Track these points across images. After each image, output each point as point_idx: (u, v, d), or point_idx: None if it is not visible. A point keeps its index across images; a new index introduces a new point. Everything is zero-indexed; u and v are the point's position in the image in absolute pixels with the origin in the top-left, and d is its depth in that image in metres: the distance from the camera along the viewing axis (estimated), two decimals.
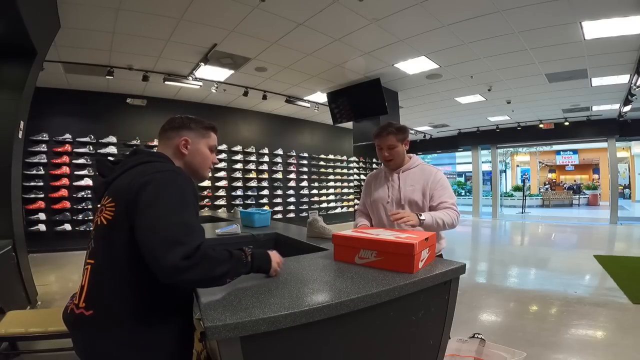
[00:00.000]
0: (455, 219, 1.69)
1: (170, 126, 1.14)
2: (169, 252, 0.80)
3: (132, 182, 0.92)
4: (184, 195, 0.91)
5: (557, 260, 5.31)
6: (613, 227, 8.79)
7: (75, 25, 3.63)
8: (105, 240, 0.93)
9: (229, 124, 7.78)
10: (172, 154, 1.11)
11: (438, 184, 1.75)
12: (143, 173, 0.94)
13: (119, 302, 0.88)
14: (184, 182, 0.95)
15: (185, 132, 1.13)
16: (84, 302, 0.90)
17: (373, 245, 1.26)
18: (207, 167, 1.18)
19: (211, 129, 1.19)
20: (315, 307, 0.89)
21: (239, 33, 4.03)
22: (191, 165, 1.14)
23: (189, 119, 1.15)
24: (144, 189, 0.89)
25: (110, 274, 0.91)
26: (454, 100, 7.16)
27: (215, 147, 1.21)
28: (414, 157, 1.89)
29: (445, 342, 1.28)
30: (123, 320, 0.88)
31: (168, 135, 1.13)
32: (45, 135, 5.62)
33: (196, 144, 1.14)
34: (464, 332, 2.13)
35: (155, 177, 0.92)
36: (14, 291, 2.79)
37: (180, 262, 0.79)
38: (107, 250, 0.92)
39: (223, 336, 0.79)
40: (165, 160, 1.07)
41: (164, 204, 0.87)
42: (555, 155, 20.63)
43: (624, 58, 4.70)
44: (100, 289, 0.91)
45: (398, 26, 3.91)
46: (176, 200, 0.89)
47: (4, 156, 2.85)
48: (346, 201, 10.38)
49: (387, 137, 1.79)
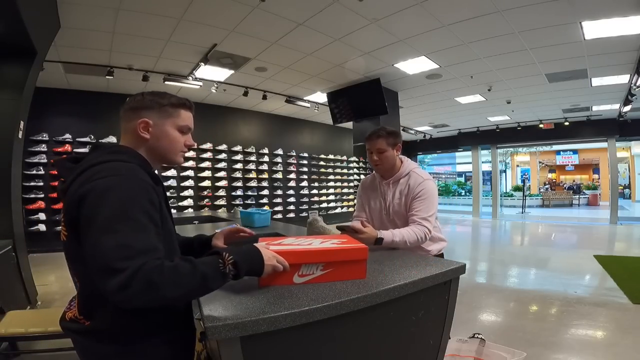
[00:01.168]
0: (423, 235, 1.59)
1: (129, 106, 0.96)
2: (106, 283, 0.69)
3: (75, 194, 0.80)
4: (125, 207, 0.76)
5: (557, 260, 5.31)
6: (613, 227, 8.79)
7: (75, 25, 3.63)
8: (72, 257, 0.86)
9: (229, 124, 7.78)
10: (133, 140, 0.95)
11: (417, 195, 1.68)
12: (87, 180, 0.80)
13: (110, 315, 0.82)
14: (128, 188, 0.79)
15: (144, 112, 0.94)
16: (80, 315, 0.86)
17: (319, 257, 1.07)
18: (176, 151, 0.99)
19: (181, 106, 0.98)
20: (315, 307, 0.89)
21: (239, 33, 4.03)
22: (156, 151, 0.97)
23: (152, 94, 0.96)
24: (82, 204, 0.77)
25: (92, 289, 0.83)
26: (454, 100, 7.16)
27: (189, 127, 1.01)
28: (405, 163, 1.81)
29: (445, 342, 1.28)
30: (119, 333, 0.84)
31: (126, 117, 0.96)
32: (45, 135, 5.62)
33: (160, 126, 0.95)
34: (464, 332, 2.13)
35: (94, 187, 0.78)
36: (14, 291, 2.79)
37: (118, 293, 0.69)
38: (78, 268, 0.86)
39: (223, 336, 0.78)
40: (127, 156, 0.90)
41: (99, 223, 0.74)
42: (555, 155, 20.64)
43: (624, 58, 4.70)
44: (90, 303, 0.85)
45: (398, 26, 3.91)
46: (112, 216, 0.74)
47: (4, 156, 2.85)
48: (346, 201, 10.38)
49: (376, 141, 1.74)
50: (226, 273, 0.83)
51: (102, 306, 0.82)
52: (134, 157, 0.91)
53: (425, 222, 1.62)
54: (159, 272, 0.72)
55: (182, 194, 7.00)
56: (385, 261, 1.35)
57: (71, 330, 0.88)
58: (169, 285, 0.73)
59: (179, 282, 0.74)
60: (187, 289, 0.77)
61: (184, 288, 0.76)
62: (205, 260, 0.83)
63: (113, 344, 0.84)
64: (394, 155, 1.76)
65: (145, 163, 0.94)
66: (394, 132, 1.76)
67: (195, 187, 7.17)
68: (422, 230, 1.60)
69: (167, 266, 0.74)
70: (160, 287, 0.72)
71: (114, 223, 0.74)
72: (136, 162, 0.89)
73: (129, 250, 0.72)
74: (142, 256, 0.73)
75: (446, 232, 7.66)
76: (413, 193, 1.69)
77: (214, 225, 2.83)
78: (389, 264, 1.31)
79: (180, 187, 7.00)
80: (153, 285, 0.71)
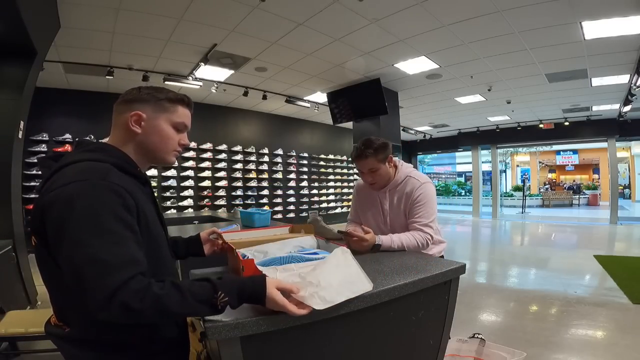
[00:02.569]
0: (424, 241, 1.55)
1: (123, 99, 0.90)
2: (86, 302, 0.65)
3: (38, 203, 0.73)
4: (95, 216, 0.68)
5: (557, 260, 5.31)
6: (613, 227, 8.79)
7: (75, 25, 3.63)
8: (40, 264, 0.79)
9: (229, 124, 7.79)
10: (122, 135, 0.88)
11: (416, 201, 1.61)
12: (50, 188, 0.73)
13: (88, 323, 0.76)
14: (95, 195, 0.70)
15: (138, 105, 0.88)
16: (60, 321, 0.81)
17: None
18: (169, 149, 0.92)
19: (178, 101, 0.92)
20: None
21: (239, 33, 4.03)
22: (145, 146, 0.89)
23: (150, 88, 0.91)
24: (46, 215, 0.70)
25: (63, 298, 0.79)
26: (454, 100, 7.16)
27: (185, 125, 0.94)
28: (401, 169, 1.70)
29: (445, 342, 1.28)
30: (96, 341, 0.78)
31: (119, 110, 0.90)
32: (45, 135, 5.62)
33: (153, 120, 0.88)
34: (464, 332, 2.13)
35: (58, 196, 0.70)
36: (14, 291, 2.79)
37: (98, 313, 0.64)
38: (46, 275, 0.79)
39: (223, 336, 0.78)
40: (104, 154, 0.82)
41: (68, 237, 0.67)
42: (555, 155, 20.64)
43: (624, 58, 4.70)
44: (64, 311, 0.80)
45: (398, 26, 3.91)
46: (82, 228, 0.67)
47: (4, 156, 2.85)
48: (346, 201, 10.38)
49: (366, 161, 1.59)
50: (218, 308, 0.73)
51: (77, 314, 0.77)
52: (113, 156, 0.83)
53: (428, 228, 1.58)
54: (140, 298, 0.65)
55: (182, 194, 7.00)
56: (385, 261, 1.35)
57: (53, 335, 0.84)
58: (150, 313, 0.67)
59: (162, 310, 0.68)
60: (171, 316, 0.74)
61: (167, 316, 0.72)
62: (197, 291, 0.72)
63: (92, 351, 0.79)
64: (387, 169, 1.64)
65: (127, 163, 0.86)
66: (382, 145, 1.59)
67: (195, 187, 7.17)
68: (424, 237, 1.56)
69: (151, 294, 0.67)
70: (140, 314, 0.66)
71: (85, 236, 0.67)
72: (111, 162, 0.81)
73: (103, 267, 0.65)
74: (119, 272, 0.66)
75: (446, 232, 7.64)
76: (412, 198, 1.62)
77: (214, 225, 2.83)
78: (389, 264, 1.31)
79: (180, 187, 7.00)
80: (131, 311, 0.65)
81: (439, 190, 18.91)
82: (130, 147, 0.88)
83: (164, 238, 0.92)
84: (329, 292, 0.84)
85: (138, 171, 0.88)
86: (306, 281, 0.86)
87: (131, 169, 0.85)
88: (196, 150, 7.16)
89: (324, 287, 0.84)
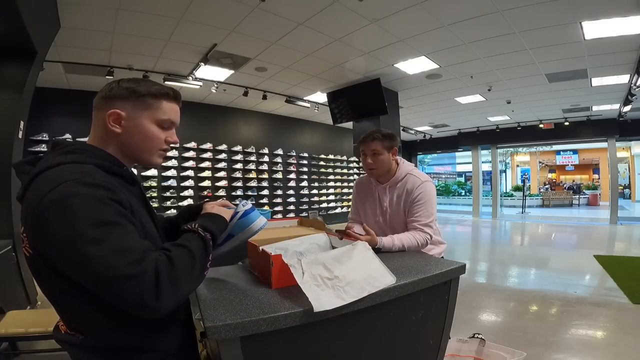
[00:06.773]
0: (424, 241, 1.57)
1: (101, 94, 0.81)
2: (126, 298, 0.62)
3: (27, 214, 0.68)
4: (97, 211, 0.65)
5: (557, 260, 5.31)
6: (613, 227, 8.79)
7: (75, 25, 3.63)
8: (39, 275, 0.74)
9: (229, 124, 7.78)
10: (102, 135, 0.81)
11: (416, 199, 1.62)
12: (37, 194, 0.67)
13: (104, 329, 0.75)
14: (88, 194, 0.66)
15: (117, 102, 0.79)
16: (70, 330, 0.77)
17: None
18: (152, 150, 0.84)
19: (163, 96, 0.83)
20: None
21: (239, 33, 4.02)
22: (128, 148, 0.82)
23: (130, 81, 0.82)
24: (46, 223, 0.64)
25: (75, 309, 0.75)
26: (454, 100, 7.16)
27: (171, 121, 0.85)
28: (402, 166, 1.72)
29: (445, 342, 1.28)
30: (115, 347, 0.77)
31: (97, 107, 0.82)
32: (45, 135, 5.61)
33: (134, 119, 0.80)
34: (464, 332, 2.13)
35: (52, 201, 0.64)
36: (14, 291, 2.79)
37: (146, 303, 0.62)
38: (47, 287, 0.74)
39: (223, 336, 0.78)
40: (84, 155, 0.76)
41: (76, 239, 0.62)
42: (555, 155, 20.64)
43: (624, 58, 4.69)
44: (75, 320, 0.76)
45: (398, 26, 3.91)
46: (89, 225, 0.63)
47: (4, 156, 2.85)
48: (346, 201, 10.37)
49: (372, 143, 1.65)
50: (206, 239, 0.79)
51: (93, 322, 0.74)
52: (94, 156, 0.77)
53: (427, 228, 1.59)
54: (172, 265, 0.68)
55: (182, 194, 7.00)
56: (385, 261, 1.34)
57: (65, 342, 0.79)
58: (184, 274, 0.70)
59: (188, 266, 0.71)
60: (196, 267, 0.74)
61: (193, 270, 0.73)
62: (184, 237, 0.79)
63: (113, 357, 0.77)
64: (389, 159, 1.68)
65: (111, 162, 0.80)
66: (391, 134, 1.68)
67: (195, 187, 7.17)
68: (423, 236, 1.57)
69: (173, 255, 0.70)
70: (179, 280, 0.67)
71: (95, 233, 0.63)
72: (94, 163, 0.75)
73: (132, 253, 0.64)
74: (150, 253, 0.66)
75: (446, 232, 7.63)
76: (412, 197, 1.63)
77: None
78: (388, 264, 1.30)
79: (180, 187, 7.00)
80: (174, 280, 0.66)
81: (439, 190, 18.90)
82: (111, 147, 0.82)
83: (158, 237, 0.89)
84: (353, 287, 0.95)
85: (124, 170, 0.82)
86: (333, 275, 0.97)
87: (116, 169, 0.80)
88: (196, 150, 7.16)
89: (350, 282, 0.95)
